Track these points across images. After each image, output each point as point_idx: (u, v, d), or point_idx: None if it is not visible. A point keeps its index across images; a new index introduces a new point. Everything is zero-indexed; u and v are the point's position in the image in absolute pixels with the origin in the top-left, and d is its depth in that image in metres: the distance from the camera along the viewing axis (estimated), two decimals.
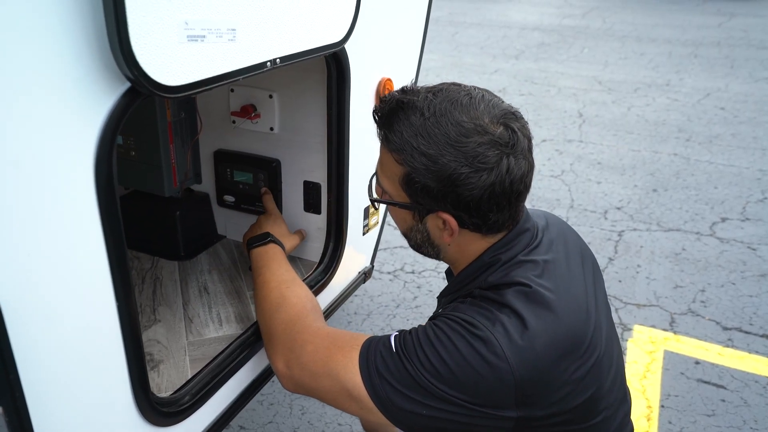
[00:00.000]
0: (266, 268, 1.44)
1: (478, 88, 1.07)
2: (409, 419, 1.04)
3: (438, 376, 0.99)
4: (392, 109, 1.06)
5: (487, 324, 0.99)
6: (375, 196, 1.18)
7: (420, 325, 1.07)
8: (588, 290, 1.13)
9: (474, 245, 1.11)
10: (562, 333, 1.01)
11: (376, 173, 1.16)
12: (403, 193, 1.08)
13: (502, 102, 1.06)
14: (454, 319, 1.03)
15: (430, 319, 1.10)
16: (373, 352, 1.06)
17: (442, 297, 1.25)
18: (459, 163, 0.99)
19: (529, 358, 0.97)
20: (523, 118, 1.06)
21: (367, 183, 1.22)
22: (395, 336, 1.07)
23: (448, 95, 1.03)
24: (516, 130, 1.02)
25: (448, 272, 1.30)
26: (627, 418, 1.19)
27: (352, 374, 1.06)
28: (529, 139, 1.05)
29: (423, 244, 1.16)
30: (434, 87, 1.07)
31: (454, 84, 1.07)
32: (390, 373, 1.03)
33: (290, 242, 1.65)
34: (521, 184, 1.04)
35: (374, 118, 1.10)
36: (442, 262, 1.22)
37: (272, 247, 1.52)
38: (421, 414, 1.01)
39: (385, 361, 1.04)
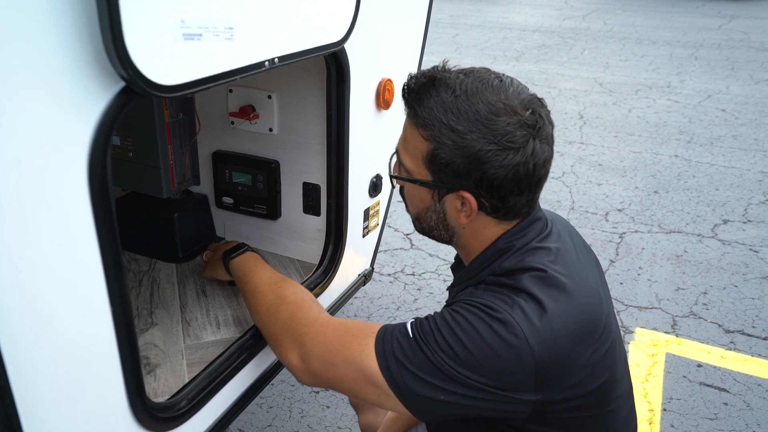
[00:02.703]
0: (252, 274, 1.42)
1: (506, 75, 1.08)
2: (426, 405, 1.02)
3: (457, 359, 0.98)
4: (423, 84, 1.06)
5: (505, 307, 0.99)
6: (394, 173, 1.18)
7: (436, 312, 1.06)
8: (597, 279, 1.14)
9: (488, 231, 1.11)
10: (579, 316, 1.02)
11: (396, 151, 1.16)
12: (425, 170, 1.08)
13: (528, 89, 1.08)
14: (472, 303, 1.02)
15: (445, 306, 1.09)
16: (389, 338, 1.05)
17: (453, 287, 1.24)
18: (487, 141, 1.00)
19: (548, 339, 0.97)
20: (546, 106, 1.08)
21: (373, 190, 1.21)
22: (411, 323, 1.06)
23: (480, 76, 1.05)
24: (542, 115, 1.04)
25: (454, 267, 1.29)
26: (633, 410, 1.20)
27: (368, 361, 1.05)
28: (553, 127, 1.07)
29: (436, 227, 1.15)
30: (465, 68, 1.08)
31: (484, 68, 1.09)
32: (407, 358, 1.02)
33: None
34: (542, 170, 1.05)
35: (403, 93, 1.10)
36: (446, 256, 1.21)
37: (250, 254, 1.51)
38: (439, 399, 1.00)
39: (402, 347, 1.03)
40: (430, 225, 1.16)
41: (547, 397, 0.99)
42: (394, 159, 1.18)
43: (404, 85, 1.10)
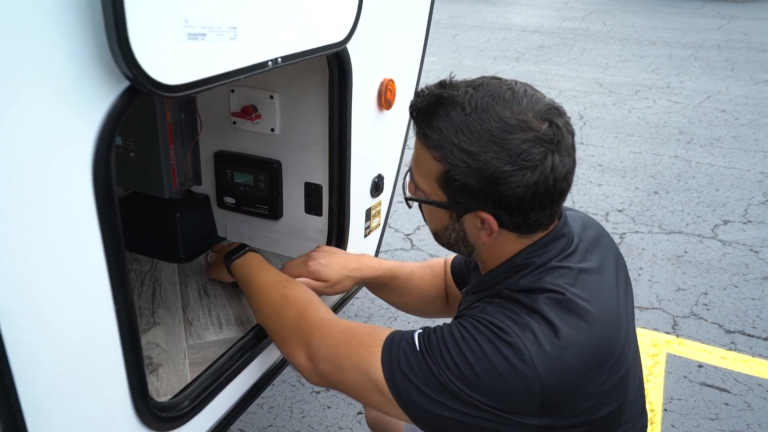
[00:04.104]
0: (255, 275, 1.41)
1: (519, 82, 1.03)
2: (429, 419, 1.02)
3: (462, 378, 0.97)
4: (431, 104, 1.01)
5: (516, 329, 0.97)
6: (408, 194, 1.14)
7: (445, 324, 1.04)
8: (620, 301, 1.10)
9: (509, 246, 1.08)
10: (594, 344, 0.98)
11: (410, 170, 1.12)
12: (440, 191, 1.04)
13: (544, 96, 1.02)
14: (483, 321, 1.00)
15: (456, 317, 1.07)
16: (396, 349, 1.04)
17: (468, 294, 1.22)
18: (502, 161, 0.95)
19: (557, 367, 0.94)
20: (566, 113, 1.02)
21: (374, 190, 1.19)
22: (419, 333, 1.04)
23: (490, 89, 0.98)
24: (560, 126, 0.98)
25: (475, 267, 1.26)
26: (644, 430, 1.17)
27: (374, 369, 1.04)
28: (573, 135, 1.01)
29: (456, 243, 1.12)
30: (474, 81, 1.02)
31: (494, 78, 1.03)
32: (413, 372, 1.01)
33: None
34: (564, 182, 1.00)
35: (411, 113, 1.06)
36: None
37: (253, 255, 1.49)
38: (442, 415, 1.00)
39: (409, 360, 1.02)
40: (449, 242, 1.13)
41: (552, 422, 0.98)
42: (408, 178, 1.14)
43: (411, 105, 1.06)
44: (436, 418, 1.01)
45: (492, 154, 0.95)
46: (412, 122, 1.07)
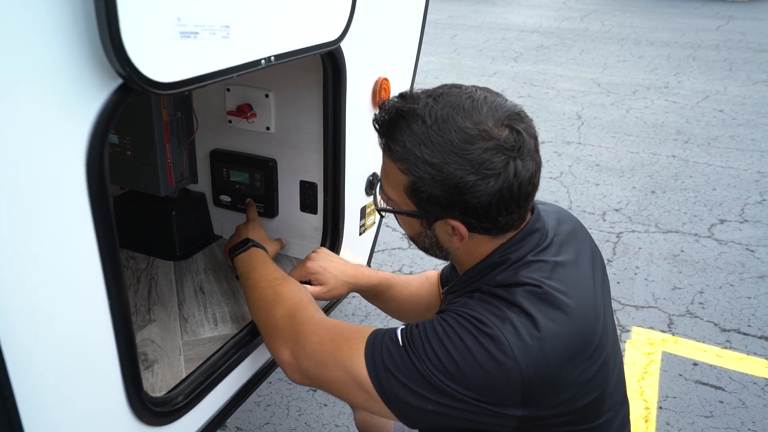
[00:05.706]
0: (253, 270, 1.43)
1: (480, 89, 1.04)
2: (413, 414, 1.03)
3: (445, 371, 0.98)
4: (392, 118, 1.04)
5: (496, 322, 0.98)
6: (381, 204, 1.17)
7: (427, 319, 1.06)
8: (597, 292, 1.12)
9: (483, 247, 1.10)
10: (573, 335, 1.00)
11: (380, 181, 1.15)
12: (409, 201, 1.07)
13: (506, 101, 1.03)
14: (463, 315, 1.02)
15: (438, 313, 1.09)
16: (379, 344, 1.05)
17: (447, 294, 1.24)
18: (465, 171, 0.97)
19: (537, 358, 0.96)
20: (527, 116, 1.04)
21: (369, 189, 1.20)
22: (402, 329, 1.06)
23: (450, 100, 1.01)
24: (521, 131, 1.00)
25: (452, 266, 1.28)
26: (627, 419, 1.19)
27: (357, 365, 1.06)
28: (535, 138, 1.03)
29: (431, 248, 1.15)
30: (434, 91, 1.04)
31: (454, 86, 1.05)
32: (396, 366, 1.02)
33: (271, 247, 1.63)
34: (529, 186, 1.02)
35: (374, 127, 1.09)
36: (445, 262, 1.23)
37: (255, 251, 1.51)
38: (426, 409, 1.01)
39: (392, 355, 1.03)
40: (424, 247, 1.17)
41: (533, 413, 0.99)
42: (379, 189, 1.17)
43: (374, 119, 1.09)
44: (421, 412, 1.02)
45: (455, 165, 0.98)
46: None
